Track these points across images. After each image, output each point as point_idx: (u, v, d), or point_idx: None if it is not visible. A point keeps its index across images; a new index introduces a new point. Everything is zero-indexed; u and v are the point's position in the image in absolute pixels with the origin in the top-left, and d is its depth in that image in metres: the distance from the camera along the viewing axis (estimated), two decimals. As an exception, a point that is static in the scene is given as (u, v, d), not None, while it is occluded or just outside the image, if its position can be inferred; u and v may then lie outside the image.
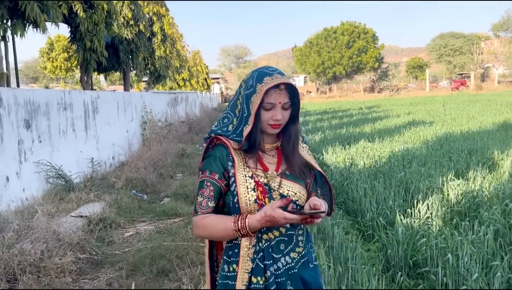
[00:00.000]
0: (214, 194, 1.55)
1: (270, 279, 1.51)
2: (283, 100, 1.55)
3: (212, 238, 1.60)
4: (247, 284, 1.50)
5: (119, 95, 10.28)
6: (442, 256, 3.42)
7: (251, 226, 1.46)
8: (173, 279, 3.66)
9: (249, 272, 1.51)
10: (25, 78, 60.23)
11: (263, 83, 1.51)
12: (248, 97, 1.55)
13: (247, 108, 1.55)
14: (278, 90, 1.53)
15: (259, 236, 1.53)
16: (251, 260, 1.52)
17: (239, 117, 1.59)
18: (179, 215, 5.69)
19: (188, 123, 16.59)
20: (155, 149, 9.52)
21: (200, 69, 34.75)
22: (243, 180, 1.53)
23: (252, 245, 1.52)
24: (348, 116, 20.75)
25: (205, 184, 1.56)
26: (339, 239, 3.89)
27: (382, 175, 6.41)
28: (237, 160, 1.56)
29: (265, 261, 1.52)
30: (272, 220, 1.43)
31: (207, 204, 1.54)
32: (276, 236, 1.55)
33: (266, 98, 1.53)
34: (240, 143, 1.55)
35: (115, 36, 11.34)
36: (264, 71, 1.56)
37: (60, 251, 3.92)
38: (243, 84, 1.61)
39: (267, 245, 1.53)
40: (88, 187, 6.44)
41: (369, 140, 10.61)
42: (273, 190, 1.57)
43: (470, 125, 12.95)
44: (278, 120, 1.55)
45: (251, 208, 1.51)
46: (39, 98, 6.25)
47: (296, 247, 1.59)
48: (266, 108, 1.54)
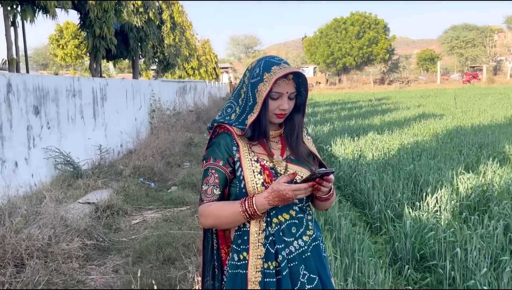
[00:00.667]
0: (219, 181, 1.53)
1: (282, 264, 1.48)
2: (290, 90, 1.55)
3: (220, 226, 1.55)
4: (262, 269, 1.47)
5: (127, 83, 10.28)
6: (451, 250, 3.38)
7: (258, 204, 1.43)
8: (179, 267, 3.66)
9: (262, 257, 1.48)
10: (35, 64, 60.56)
11: (271, 72, 1.50)
12: (254, 85, 1.53)
13: (253, 97, 1.53)
14: (286, 80, 1.53)
15: (268, 220, 1.50)
16: (263, 245, 1.49)
17: (242, 106, 1.58)
18: (186, 203, 5.70)
19: (196, 113, 16.59)
20: (163, 137, 9.53)
21: (209, 58, 34.64)
22: (249, 164, 1.51)
23: (262, 230, 1.49)
24: (357, 108, 20.60)
25: (209, 171, 1.54)
26: (346, 231, 3.86)
27: (391, 167, 6.36)
28: (241, 144, 1.55)
29: (276, 245, 1.49)
30: (280, 195, 1.40)
31: (212, 192, 1.52)
32: (286, 219, 1.52)
33: (274, 88, 1.52)
34: (243, 130, 1.54)
35: (125, 24, 11.31)
36: (271, 60, 1.55)
37: (67, 237, 3.94)
38: (247, 73, 1.59)
39: (277, 229, 1.50)
40: (96, 174, 6.47)
41: (378, 132, 10.53)
42: (280, 174, 1.55)
43: (481, 119, 12.77)
44: (285, 109, 1.55)
45: (258, 191, 1.49)
46: (48, 84, 6.26)
47: (307, 230, 1.57)
48: (273, 98, 1.54)
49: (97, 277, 3.68)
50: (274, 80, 1.48)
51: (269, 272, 1.48)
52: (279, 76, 1.48)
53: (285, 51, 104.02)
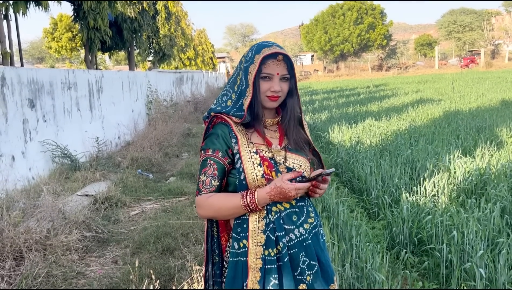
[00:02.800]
0: (217, 172, 1.52)
1: (283, 251, 1.49)
2: (282, 72, 1.54)
3: (218, 217, 1.56)
4: (262, 256, 1.48)
5: (123, 74, 10.22)
6: (448, 233, 3.39)
7: (260, 199, 1.45)
8: (177, 257, 3.68)
9: (263, 244, 1.49)
10: (30, 58, 60.20)
11: (260, 53, 1.51)
12: (247, 69, 1.53)
13: (245, 80, 1.53)
14: (276, 61, 1.52)
15: (268, 208, 1.51)
16: (263, 232, 1.50)
17: (237, 92, 1.57)
18: (185, 193, 5.71)
19: (194, 103, 16.55)
20: (160, 129, 9.52)
21: (205, 48, 34.46)
22: (248, 156, 1.51)
23: (262, 218, 1.50)
24: (355, 95, 20.55)
25: (208, 162, 1.52)
26: (343, 217, 3.87)
27: (388, 153, 6.36)
28: (240, 136, 1.54)
29: (276, 232, 1.50)
30: (282, 192, 1.42)
31: (210, 183, 1.51)
32: (286, 208, 1.53)
33: (264, 69, 1.51)
34: (242, 117, 1.53)
35: (119, 15, 11.22)
36: (263, 43, 1.55)
37: (66, 229, 3.95)
38: (243, 59, 1.59)
39: (278, 217, 1.51)
40: (93, 166, 6.47)
41: (376, 118, 10.52)
42: (279, 164, 1.55)
43: (479, 103, 12.76)
44: (276, 91, 1.53)
45: (258, 183, 1.49)
46: (42, 77, 6.22)
47: (308, 218, 1.58)
48: (264, 79, 1.53)
49: (96, 268, 3.70)
50: (260, 59, 1.49)
51: (270, 258, 1.49)
52: (266, 54, 1.49)
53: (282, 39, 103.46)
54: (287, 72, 1.55)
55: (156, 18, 15.15)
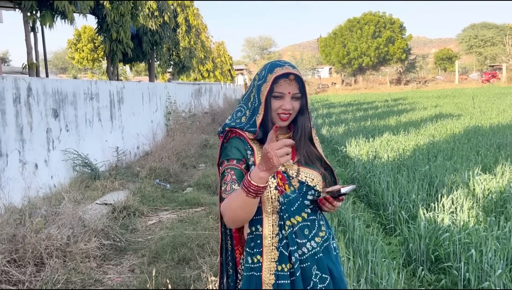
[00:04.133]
0: (236, 177, 1.52)
1: (295, 265, 1.51)
2: (293, 91, 1.57)
3: (238, 218, 1.47)
4: (276, 272, 1.51)
5: (144, 86, 10.42)
6: (466, 251, 3.35)
7: (253, 176, 1.35)
8: (193, 267, 3.72)
9: (276, 261, 1.51)
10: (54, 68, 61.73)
11: (273, 73, 1.55)
12: (259, 87, 1.58)
13: (258, 98, 1.58)
14: (288, 80, 1.56)
15: (282, 224, 1.54)
16: (276, 249, 1.52)
17: (251, 109, 1.61)
18: (201, 204, 5.76)
19: (212, 114, 16.71)
20: (178, 139, 9.64)
21: (224, 60, 34.81)
22: None
23: (275, 234, 1.53)
24: (373, 109, 20.44)
25: (225, 172, 1.55)
26: (359, 232, 3.86)
27: (406, 168, 6.31)
28: (256, 148, 1.58)
29: (289, 247, 1.53)
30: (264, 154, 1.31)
31: (231, 187, 1.50)
32: (299, 221, 1.56)
33: (276, 88, 1.56)
34: (255, 133, 1.57)
35: (140, 27, 11.48)
36: (276, 63, 1.60)
37: (85, 237, 4.04)
38: (256, 77, 1.64)
39: (291, 231, 1.54)
40: (113, 175, 6.59)
41: (394, 133, 10.44)
42: (292, 177, 1.58)
43: (500, 119, 12.55)
44: (287, 109, 1.57)
45: (271, 195, 1.52)
46: (66, 88, 6.41)
47: (320, 231, 1.61)
48: (276, 98, 1.57)
49: (114, 276, 3.76)
50: (272, 78, 1.53)
51: (283, 274, 1.51)
52: (278, 74, 1.53)
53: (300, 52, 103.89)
54: (298, 91, 1.58)
55: (176, 31, 15.44)
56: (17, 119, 5.13)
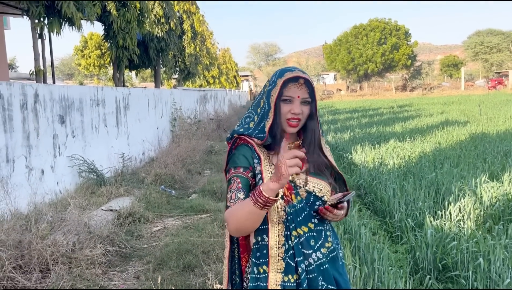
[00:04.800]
0: (242, 185, 1.51)
1: (302, 276, 1.50)
2: (302, 95, 1.56)
3: (244, 228, 1.46)
4: (282, 283, 1.49)
5: (149, 92, 10.47)
6: (473, 260, 3.31)
7: (265, 189, 1.34)
8: (198, 274, 3.70)
9: (282, 271, 1.50)
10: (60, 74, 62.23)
11: (283, 77, 1.55)
12: (269, 92, 1.58)
13: (268, 103, 1.57)
14: (298, 84, 1.56)
15: (288, 234, 1.52)
16: (282, 259, 1.51)
17: (260, 114, 1.60)
18: (206, 211, 5.75)
19: (217, 121, 16.74)
20: (184, 145, 9.66)
21: (229, 66, 34.94)
22: (269, 176, 1.53)
23: (282, 244, 1.51)
24: (378, 115, 20.39)
25: (232, 180, 1.54)
26: (366, 240, 3.83)
27: (412, 176, 6.27)
28: (263, 156, 1.56)
29: (296, 258, 1.51)
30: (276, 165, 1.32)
31: (236, 196, 1.49)
32: (305, 232, 1.54)
33: (285, 92, 1.55)
34: (263, 139, 1.56)
35: (146, 34, 11.56)
36: (287, 68, 1.60)
37: (90, 243, 4.04)
38: (266, 83, 1.63)
39: (297, 242, 1.52)
40: (118, 181, 6.60)
41: (400, 140, 10.40)
42: (299, 187, 1.57)
43: (507, 126, 12.45)
44: (296, 113, 1.55)
45: (278, 204, 1.51)
46: (73, 94, 6.45)
47: (326, 242, 1.59)
48: (285, 102, 1.56)
49: (119, 283, 3.75)
50: (282, 82, 1.53)
51: (290, 285, 1.50)
52: (288, 78, 1.53)
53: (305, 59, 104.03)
54: (308, 95, 1.57)
55: (182, 37, 15.53)
56: (24, 126, 5.16)
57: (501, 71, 59.40)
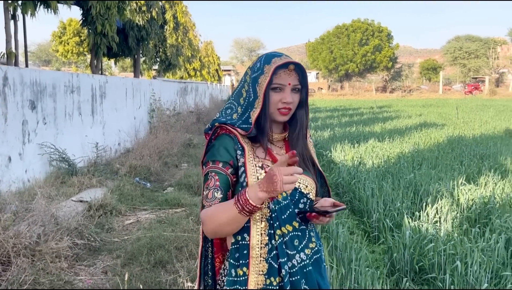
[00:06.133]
0: (220, 183, 1.40)
1: (285, 279, 1.38)
2: (293, 82, 1.45)
3: (221, 231, 1.38)
4: (264, 286, 1.37)
5: (128, 81, 10.19)
6: (450, 262, 3.28)
7: (251, 193, 1.27)
8: (170, 271, 3.56)
9: (265, 273, 1.37)
10: (37, 60, 60.59)
11: (271, 63, 1.42)
12: (256, 79, 1.44)
13: (254, 92, 1.44)
14: (288, 71, 1.43)
15: (271, 233, 1.39)
16: (265, 260, 1.38)
17: (243, 105, 1.47)
18: (182, 205, 5.59)
19: (197, 114, 16.51)
20: (161, 137, 9.44)
21: (211, 60, 34.60)
22: (253, 170, 1.40)
23: (265, 244, 1.39)
24: (358, 115, 20.52)
25: (209, 175, 1.42)
26: (343, 239, 3.76)
27: (391, 176, 6.26)
28: (247, 148, 1.43)
29: (279, 259, 1.39)
30: (269, 176, 1.22)
31: (213, 195, 1.38)
32: (290, 231, 1.42)
33: (275, 79, 1.42)
34: (248, 130, 1.43)
35: (127, 22, 11.25)
36: (272, 53, 1.47)
37: (57, 236, 3.84)
38: (248, 71, 1.50)
39: (281, 241, 1.40)
40: (91, 171, 6.38)
41: (379, 140, 10.43)
42: None
43: (483, 130, 12.69)
44: (288, 102, 1.44)
45: None
46: (45, 79, 6.17)
47: (310, 243, 1.48)
48: (275, 90, 1.44)
49: (85, 278, 3.58)
50: (273, 68, 1.40)
51: (272, 288, 1.38)
52: (279, 64, 1.41)
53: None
54: (298, 82, 1.46)
55: (164, 27, 15.21)
56: (-9, 110, 4.89)
57: (478, 77, 60.86)
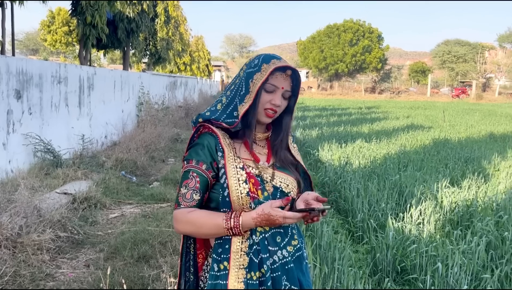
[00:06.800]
0: (200, 186, 1.42)
1: (267, 274, 1.39)
2: (286, 87, 1.48)
3: (196, 235, 1.46)
4: (244, 280, 1.38)
5: (116, 73, 10.09)
6: (432, 264, 3.32)
7: (245, 225, 1.36)
8: (153, 266, 3.54)
9: (245, 267, 1.39)
10: (25, 49, 59.62)
11: (270, 63, 1.44)
12: (250, 75, 1.45)
13: (246, 86, 1.45)
14: (284, 75, 1.47)
15: (253, 229, 1.42)
16: (246, 254, 1.40)
17: (229, 96, 1.49)
18: (167, 200, 5.57)
19: (186, 109, 16.42)
20: (149, 131, 9.38)
21: (202, 55, 34.45)
22: (233, 171, 1.41)
23: (246, 239, 1.41)
24: (347, 115, 20.63)
25: (190, 174, 1.42)
26: (327, 238, 3.78)
27: (377, 176, 6.31)
28: (227, 150, 1.44)
29: (260, 254, 1.41)
30: (269, 219, 1.34)
31: (191, 196, 1.41)
32: (271, 228, 1.44)
33: (271, 79, 1.45)
34: (233, 124, 1.44)
35: (117, 13, 11.13)
36: (272, 55, 1.49)
37: (39, 228, 3.80)
38: (244, 66, 1.51)
39: (262, 237, 1.42)
40: (76, 164, 6.31)
41: (366, 140, 10.51)
42: (266, 182, 1.47)
43: (468, 134, 12.87)
44: (276, 105, 1.46)
45: (243, 201, 1.39)
46: (32, 68, 6.08)
47: (292, 240, 1.50)
48: (267, 90, 1.46)
49: (67, 271, 3.55)
50: (272, 69, 1.42)
51: (252, 282, 1.39)
52: (278, 66, 1.43)
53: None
54: (290, 89, 1.49)
55: (155, 20, 15.09)
56: (-26, 98, 4.80)
57: (465, 81, 61.60)
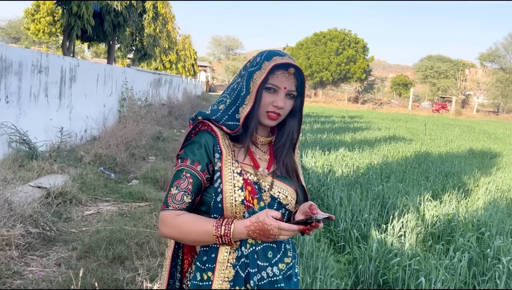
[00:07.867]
0: (192, 188, 1.30)
1: None
2: (289, 87, 1.35)
3: (183, 241, 1.33)
4: None
5: (100, 67, 9.85)
6: (415, 278, 3.27)
7: (236, 233, 1.25)
8: (128, 268, 3.39)
9: (230, 280, 1.27)
10: (6, 37, 58.21)
11: (271, 61, 1.32)
12: (251, 74, 1.34)
13: (247, 86, 1.34)
14: (286, 74, 1.34)
15: (243, 240, 1.30)
16: (232, 266, 1.28)
17: (232, 96, 1.37)
18: (146, 199, 5.41)
19: (169, 107, 16.19)
20: (130, 128, 9.17)
21: (188, 54, 34.20)
22: (230, 176, 1.30)
23: (234, 249, 1.29)
24: (330, 123, 20.72)
25: (183, 174, 1.31)
26: (310, 247, 3.70)
27: (360, 186, 6.28)
28: (225, 152, 1.32)
29: (248, 268, 1.29)
30: (263, 228, 1.22)
31: (182, 199, 1.29)
32: (263, 241, 1.32)
33: (271, 79, 1.33)
34: (234, 129, 1.33)
35: (104, 6, 10.89)
36: (276, 52, 1.37)
37: (9, 222, 3.61)
38: (247, 64, 1.40)
39: (252, 250, 1.30)
40: (53, 157, 6.08)
41: (349, 149, 10.52)
42: (264, 191, 1.36)
43: (448, 148, 13.04)
44: (279, 107, 1.34)
45: (236, 209, 1.28)
46: (12, 56, 5.84)
47: (285, 257, 1.38)
48: (268, 91, 1.34)
49: (36, 269, 3.37)
50: (270, 66, 1.30)
51: None
52: (278, 63, 1.31)
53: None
54: (295, 88, 1.37)
55: (143, 16, 14.86)
56: None
57: (445, 97, 62.86)
